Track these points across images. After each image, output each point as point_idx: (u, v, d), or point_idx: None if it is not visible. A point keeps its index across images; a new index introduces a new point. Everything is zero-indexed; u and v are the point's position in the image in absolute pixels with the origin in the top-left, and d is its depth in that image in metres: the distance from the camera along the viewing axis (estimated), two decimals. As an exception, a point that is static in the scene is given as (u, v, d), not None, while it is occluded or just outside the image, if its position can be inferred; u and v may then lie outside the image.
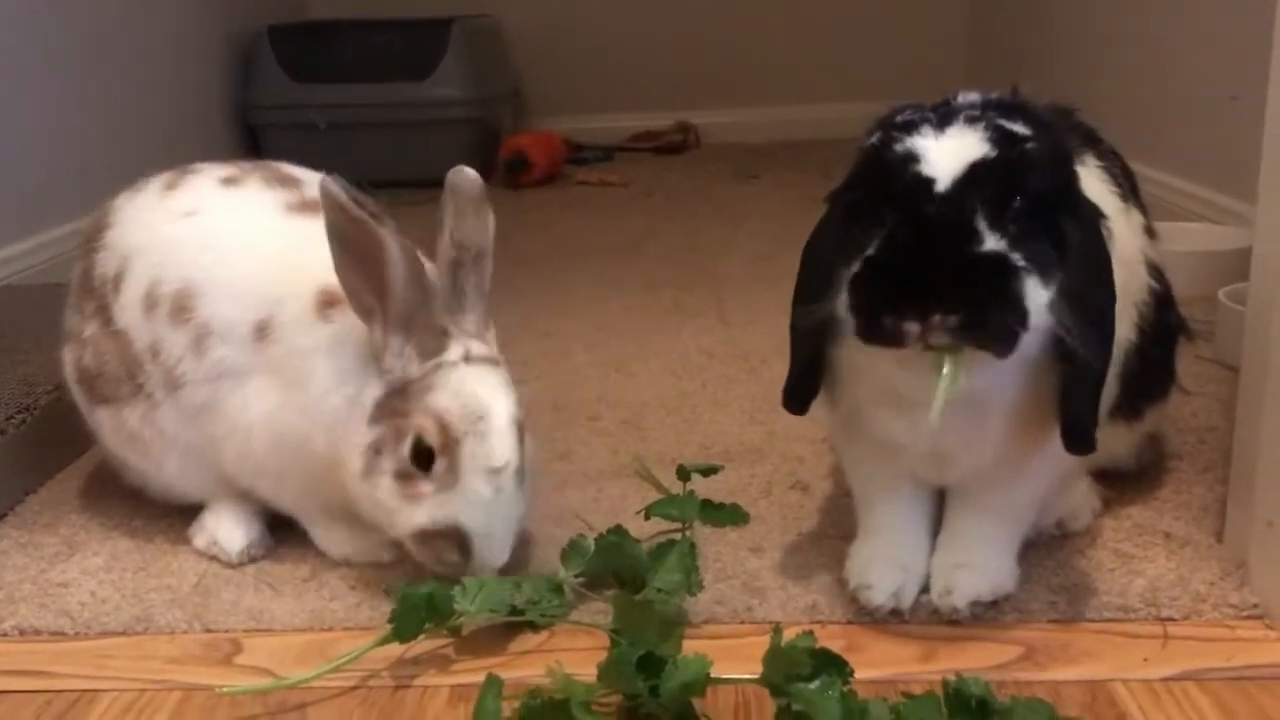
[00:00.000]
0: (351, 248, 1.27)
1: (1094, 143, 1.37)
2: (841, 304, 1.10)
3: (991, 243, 1.05)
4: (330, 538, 1.47)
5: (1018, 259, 1.05)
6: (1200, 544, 1.39)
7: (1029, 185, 1.08)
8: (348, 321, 1.33)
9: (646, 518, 1.44)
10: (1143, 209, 1.41)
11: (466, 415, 1.27)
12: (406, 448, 1.27)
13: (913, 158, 1.09)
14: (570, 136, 4.43)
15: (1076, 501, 1.43)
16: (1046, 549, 1.38)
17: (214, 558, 1.48)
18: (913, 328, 1.04)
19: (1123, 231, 1.27)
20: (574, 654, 1.23)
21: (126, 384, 1.46)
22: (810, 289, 1.20)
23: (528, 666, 1.22)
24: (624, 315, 2.47)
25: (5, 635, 1.34)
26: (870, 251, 1.08)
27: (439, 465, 1.27)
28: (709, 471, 1.53)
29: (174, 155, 1.67)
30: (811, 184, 3.06)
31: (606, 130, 4.64)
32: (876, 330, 1.07)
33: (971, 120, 1.10)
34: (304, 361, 1.34)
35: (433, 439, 1.27)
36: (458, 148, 3.99)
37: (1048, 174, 1.10)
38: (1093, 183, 1.26)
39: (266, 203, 1.47)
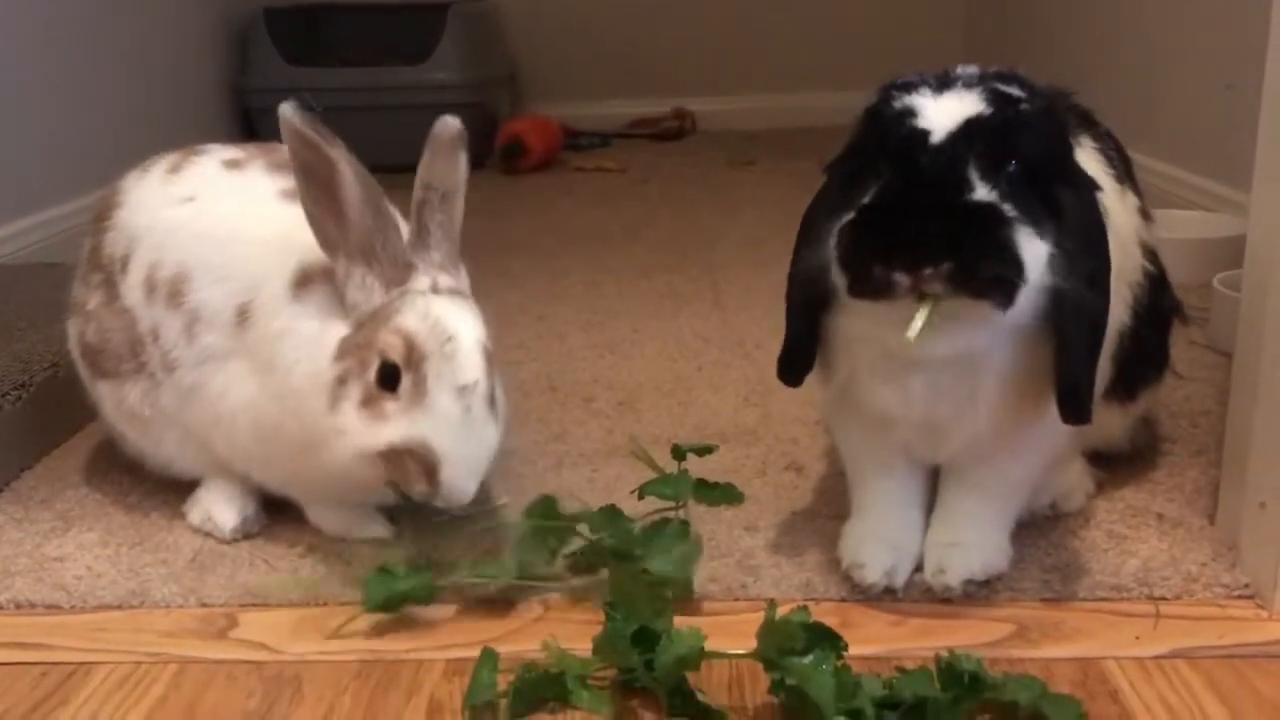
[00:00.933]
0: (314, 178, 1.27)
1: (1090, 125, 1.37)
2: (836, 268, 1.09)
3: (983, 194, 1.05)
4: (325, 515, 1.47)
5: (1009, 209, 1.05)
6: (1192, 525, 1.40)
7: (1024, 146, 1.08)
8: (315, 297, 1.33)
9: (641, 497, 1.44)
10: (1138, 191, 1.41)
11: (434, 334, 1.26)
12: (373, 370, 1.26)
13: (909, 113, 1.09)
14: (567, 122, 4.41)
15: (1070, 483, 1.44)
16: (1040, 529, 1.39)
17: (209, 534, 1.48)
18: (903, 278, 1.04)
19: (1118, 212, 1.27)
20: (569, 628, 1.23)
21: (129, 361, 1.47)
22: (804, 252, 1.20)
23: (523, 640, 1.22)
24: (619, 300, 2.47)
25: (1, 608, 1.35)
26: (864, 201, 1.08)
27: (405, 382, 1.25)
28: (704, 451, 1.53)
29: (169, 137, 1.66)
30: (807, 171, 3.06)
31: (604, 116, 4.63)
32: (866, 281, 1.06)
33: (970, 85, 1.11)
34: (275, 344, 1.34)
35: (398, 356, 1.25)
36: (454, 132, 4.00)
37: (1043, 137, 1.10)
38: (1089, 164, 1.26)
39: (264, 189, 1.46)
